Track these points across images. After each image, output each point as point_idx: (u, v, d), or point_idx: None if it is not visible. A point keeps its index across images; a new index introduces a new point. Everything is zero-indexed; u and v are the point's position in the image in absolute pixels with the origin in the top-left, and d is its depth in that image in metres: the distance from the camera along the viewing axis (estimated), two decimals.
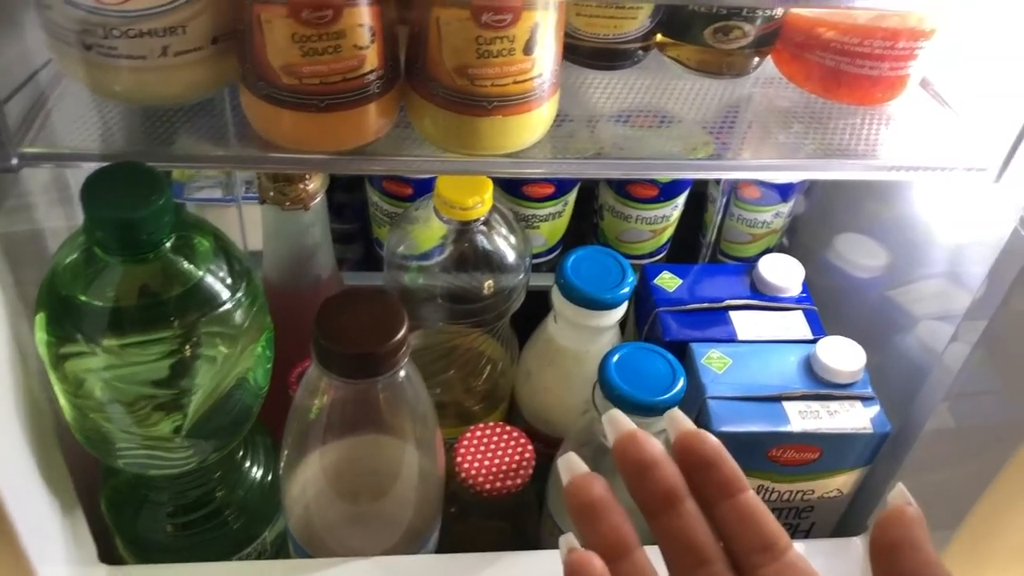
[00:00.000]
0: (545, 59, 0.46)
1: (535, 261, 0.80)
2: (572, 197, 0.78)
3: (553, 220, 0.78)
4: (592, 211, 0.82)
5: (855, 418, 0.61)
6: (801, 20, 0.52)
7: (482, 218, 0.62)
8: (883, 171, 0.52)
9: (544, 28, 0.45)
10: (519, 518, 0.67)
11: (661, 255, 0.82)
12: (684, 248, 0.83)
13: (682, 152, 0.55)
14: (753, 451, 0.61)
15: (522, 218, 0.77)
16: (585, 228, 0.83)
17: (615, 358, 0.58)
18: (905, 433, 0.62)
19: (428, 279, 0.64)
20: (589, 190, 0.81)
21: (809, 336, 0.66)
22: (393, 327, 0.51)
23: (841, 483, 0.64)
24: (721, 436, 0.59)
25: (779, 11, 0.51)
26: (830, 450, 0.61)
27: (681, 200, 0.78)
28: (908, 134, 0.55)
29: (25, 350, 0.50)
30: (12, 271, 0.50)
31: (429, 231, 0.64)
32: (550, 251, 0.81)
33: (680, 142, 0.56)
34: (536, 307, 0.70)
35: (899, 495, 0.35)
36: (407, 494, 0.59)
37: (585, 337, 0.66)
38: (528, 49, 0.45)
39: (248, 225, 0.73)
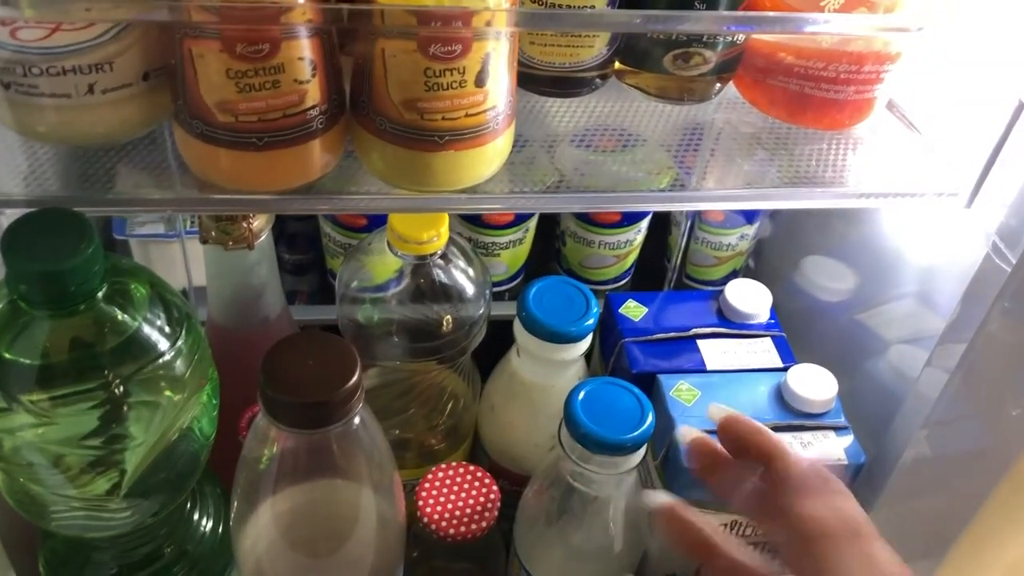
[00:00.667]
0: (498, 90, 0.44)
1: (496, 290, 0.77)
2: (533, 224, 0.76)
3: (514, 248, 0.76)
4: (554, 237, 0.80)
5: (829, 449, 0.59)
6: (763, 45, 0.50)
7: (438, 252, 0.59)
8: (852, 199, 0.51)
9: (496, 59, 0.42)
10: (485, 560, 0.64)
11: (625, 280, 0.80)
12: (649, 272, 0.82)
13: (645, 178, 0.54)
14: None
15: (482, 246, 0.74)
16: (547, 255, 0.81)
17: (581, 395, 0.56)
18: (881, 462, 0.60)
19: (384, 314, 0.62)
20: (551, 216, 0.79)
21: (778, 363, 0.64)
22: (345, 372, 0.48)
23: None
24: (692, 472, 0.58)
25: (740, 37, 0.49)
26: None
27: (644, 224, 0.76)
28: (876, 159, 0.53)
29: None
30: None
31: (383, 265, 0.61)
32: (512, 279, 0.79)
33: (642, 167, 0.54)
34: (498, 338, 0.67)
35: (716, 412, 0.54)
36: (366, 542, 0.56)
37: (550, 371, 0.64)
38: (480, 81, 0.42)
39: (193, 261, 0.70)
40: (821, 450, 0.59)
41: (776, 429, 0.60)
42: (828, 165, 0.52)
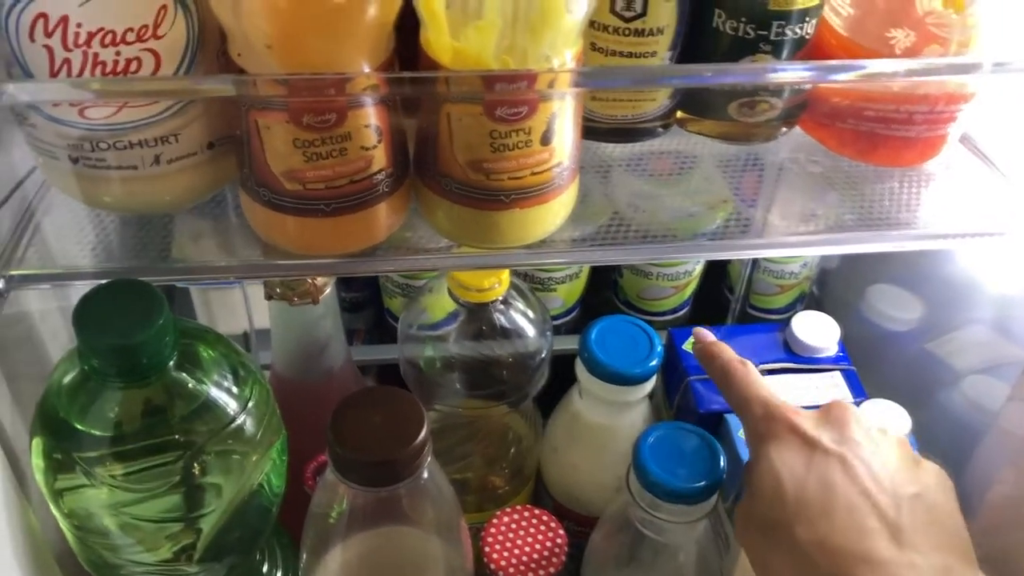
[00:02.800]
0: (564, 147, 0.43)
1: (553, 324, 0.77)
2: None
3: (570, 282, 0.75)
4: (610, 268, 0.79)
5: None
6: (831, 90, 0.49)
7: (500, 298, 0.59)
8: (927, 240, 0.49)
9: (562, 117, 0.42)
10: None
11: (684, 311, 0.79)
12: (707, 302, 0.80)
13: (702, 212, 0.52)
14: None
15: (538, 281, 0.74)
16: (602, 286, 0.80)
17: (649, 441, 0.55)
18: (961, 500, 0.58)
19: (445, 359, 0.61)
20: None
21: (849, 398, 0.63)
22: (413, 428, 0.48)
23: None
24: None
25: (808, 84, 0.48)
26: None
27: None
28: (951, 197, 0.52)
29: (23, 470, 0.47)
30: (7, 381, 0.47)
31: (444, 310, 0.61)
32: (568, 312, 0.78)
33: (699, 199, 0.53)
34: (557, 373, 0.67)
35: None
36: None
37: (614, 412, 0.63)
38: (546, 140, 0.42)
39: (253, 304, 0.70)
40: None
41: None
42: (901, 205, 0.50)
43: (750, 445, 0.47)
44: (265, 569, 0.58)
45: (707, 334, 0.55)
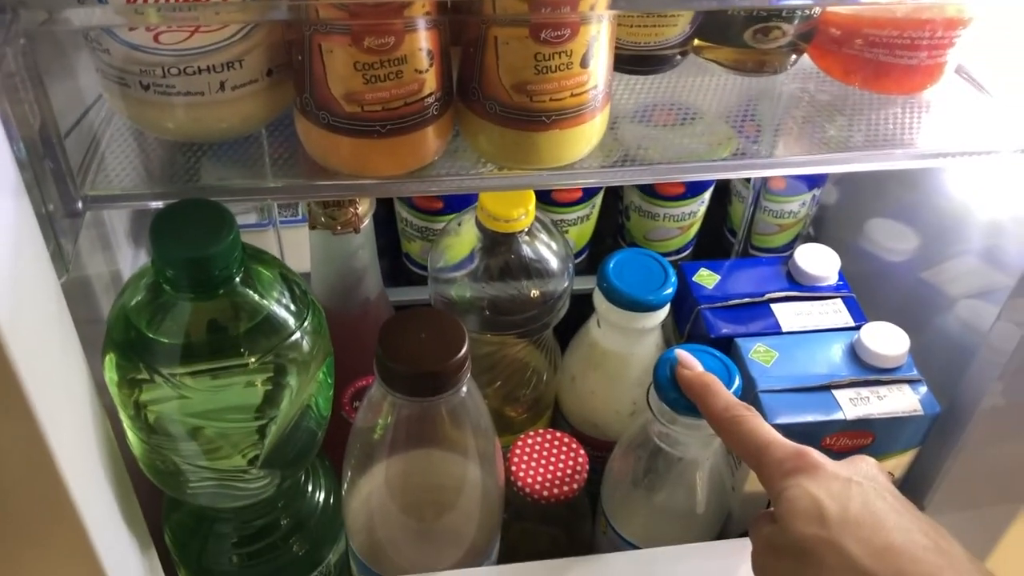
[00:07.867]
0: (600, 70, 0.46)
1: None
2: (599, 200, 0.78)
3: (581, 224, 0.79)
4: (617, 212, 0.82)
5: (905, 401, 0.62)
6: (837, 16, 0.53)
7: (526, 229, 0.62)
8: (930, 159, 0.53)
9: (599, 41, 0.45)
10: (573, 521, 0.68)
11: (688, 251, 0.83)
12: (710, 242, 0.84)
13: (707, 149, 0.56)
14: (808, 440, 0.60)
15: (551, 223, 0.77)
16: (608, 231, 0.84)
17: (670, 358, 0.58)
18: (955, 413, 0.63)
19: (474, 291, 0.65)
20: (614, 192, 0.81)
21: (850, 323, 0.67)
22: (455, 344, 0.52)
23: (893, 466, 0.65)
24: (777, 428, 0.60)
25: (817, 9, 0.51)
26: (883, 434, 0.62)
27: (707, 195, 0.79)
28: (949, 121, 0.56)
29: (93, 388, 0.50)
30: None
31: (472, 244, 0.64)
32: (577, 255, 0.81)
33: (703, 139, 0.57)
34: (570, 310, 0.70)
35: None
36: (470, 509, 0.59)
37: (630, 339, 0.66)
38: (585, 62, 0.45)
39: (287, 248, 0.73)
40: (897, 402, 0.62)
41: (853, 385, 0.63)
42: (904, 128, 0.54)
43: (775, 481, 0.48)
44: (309, 488, 0.61)
45: (694, 361, 0.56)
